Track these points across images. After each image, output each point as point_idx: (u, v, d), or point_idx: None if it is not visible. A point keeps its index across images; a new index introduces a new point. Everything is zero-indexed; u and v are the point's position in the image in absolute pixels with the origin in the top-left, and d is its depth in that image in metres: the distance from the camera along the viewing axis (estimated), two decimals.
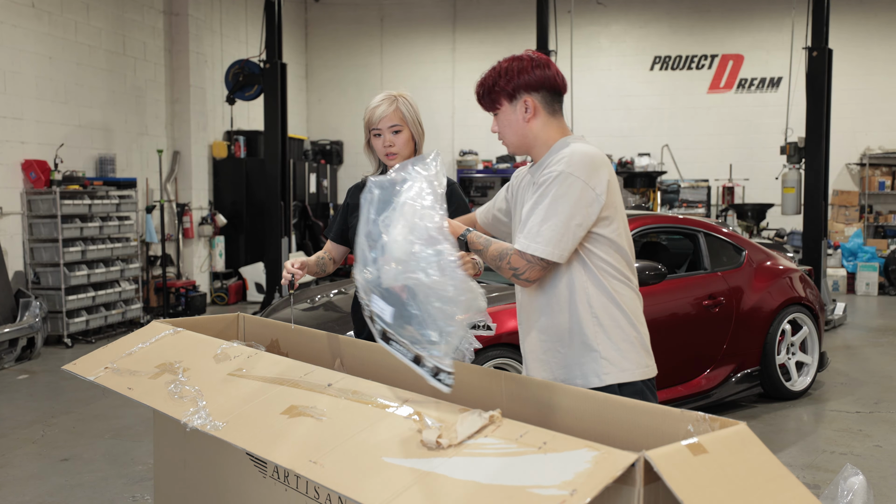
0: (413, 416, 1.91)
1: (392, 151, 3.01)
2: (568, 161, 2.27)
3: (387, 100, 3.00)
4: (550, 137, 2.42)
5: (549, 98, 2.42)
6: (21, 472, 4.59)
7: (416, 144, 3.05)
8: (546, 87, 2.40)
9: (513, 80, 2.39)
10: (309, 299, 5.56)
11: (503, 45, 14.22)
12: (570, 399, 2.19)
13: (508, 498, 1.54)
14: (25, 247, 8.34)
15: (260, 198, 11.44)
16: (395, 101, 2.99)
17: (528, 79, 2.38)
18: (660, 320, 5.21)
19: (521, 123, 2.42)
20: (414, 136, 3.03)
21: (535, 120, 2.41)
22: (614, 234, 2.35)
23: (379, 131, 3.02)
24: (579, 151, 2.30)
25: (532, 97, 2.39)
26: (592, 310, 2.35)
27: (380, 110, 2.99)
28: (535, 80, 2.39)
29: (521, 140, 2.45)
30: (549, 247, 2.25)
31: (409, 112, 3.00)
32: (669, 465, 1.54)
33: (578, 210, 2.25)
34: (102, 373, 2.69)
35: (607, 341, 2.37)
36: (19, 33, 8.39)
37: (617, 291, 2.37)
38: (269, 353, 2.59)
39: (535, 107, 2.40)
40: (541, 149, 2.43)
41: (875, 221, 13.35)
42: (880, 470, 4.55)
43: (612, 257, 2.36)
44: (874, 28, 13.31)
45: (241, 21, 12.80)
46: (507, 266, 2.32)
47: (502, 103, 2.43)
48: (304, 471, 1.83)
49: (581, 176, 2.26)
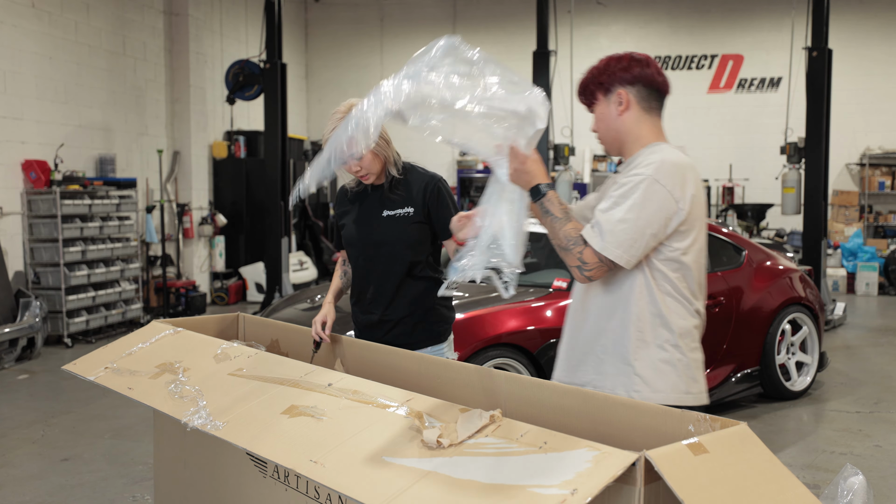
0: (413, 415, 1.91)
1: (362, 175, 2.94)
2: (657, 168, 2.21)
3: (337, 113, 2.87)
4: (643, 136, 2.36)
5: (646, 94, 2.36)
6: (21, 472, 4.59)
7: (385, 156, 2.94)
8: (643, 83, 2.35)
9: (608, 74, 2.36)
10: (309, 299, 5.55)
11: (503, 45, 14.23)
12: (571, 399, 2.19)
13: (509, 497, 1.55)
14: (25, 247, 8.34)
15: (260, 198, 11.44)
16: (348, 113, 2.83)
17: (624, 73, 2.35)
18: None
19: (614, 117, 2.37)
20: (377, 151, 2.89)
21: (627, 113, 2.35)
22: (685, 250, 2.27)
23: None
24: (670, 160, 2.24)
25: (626, 90, 2.35)
26: (639, 323, 2.27)
27: (330, 129, 2.83)
28: (632, 75, 2.34)
29: (613, 135, 2.39)
30: (621, 250, 2.18)
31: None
32: (670, 465, 1.54)
33: (657, 219, 2.20)
34: (103, 373, 2.69)
35: (646, 359, 2.28)
36: (19, 33, 8.39)
37: (670, 309, 2.28)
38: (270, 353, 2.60)
39: (628, 100, 2.35)
40: (632, 146, 2.37)
41: (875, 221, 13.35)
42: (880, 470, 4.55)
43: (675, 274, 2.28)
44: (874, 28, 13.31)
45: (241, 21, 12.80)
46: (576, 254, 2.22)
47: (598, 97, 2.40)
48: (305, 470, 1.84)
49: (667, 185, 2.20)
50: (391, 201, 3.00)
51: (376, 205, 3.02)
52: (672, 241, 2.25)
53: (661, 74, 2.39)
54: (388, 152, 2.96)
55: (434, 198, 2.99)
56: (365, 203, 3.05)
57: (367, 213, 3.04)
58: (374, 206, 3.02)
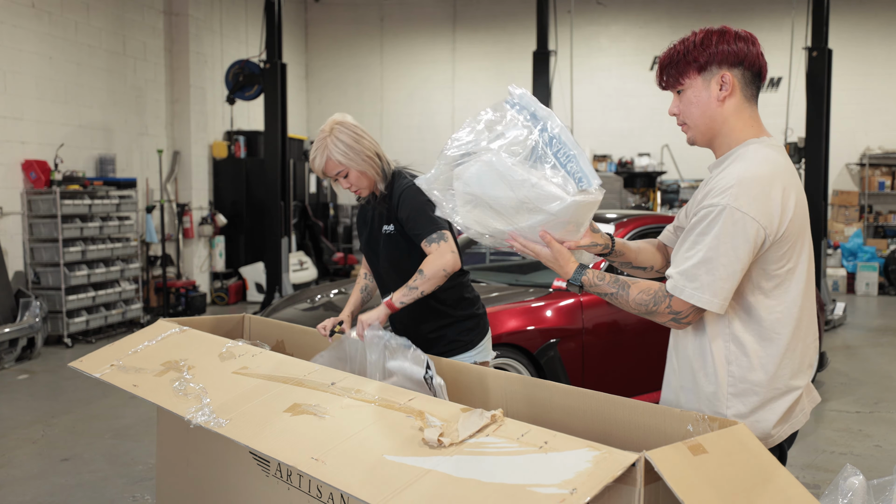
0: (415, 414, 1.92)
1: (354, 191, 2.93)
2: (735, 192, 1.89)
3: (319, 148, 2.83)
4: (738, 129, 2.04)
5: (750, 79, 2.03)
6: (21, 472, 4.59)
7: (371, 172, 2.88)
8: (746, 66, 2.02)
9: (708, 50, 2.00)
10: (309, 299, 5.56)
11: (503, 45, 14.23)
12: (571, 399, 2.20)
13: (509, 496, 1.55)
14: (25, 247, 8.34)
15: (260, 198, 11.44)
16: (325, 147, 2.81)
17: (728, 50, 2.00)
18: None
19: (713, 103, 2.02)
20: (362, 169, 2.84)
21: (730, 100, 2.02)
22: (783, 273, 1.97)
23: (331, 179, 2.92)
24: (750, 176, 1.91)
25: (731, 72, 2.01)
26: (729, 367, 2.01)
27: (316, 163, 2.84)
28: (736, 53, 2.00)
29: (707, 124, 2.05)
30: (710, 295, 1.91)
31: (344, 151, 2.80)
32: (670, 465, 1.55)
33: (744, 254, 1.90)
34: (108, 370, 2.70)
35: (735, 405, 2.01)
36: (19, 33, 8.40)
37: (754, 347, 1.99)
38: (273, 352, 2.61)
39: (733, 84, 2.01)
40: (724, 141, 2.06)
41: (875, 221, 13.36)
42: (880, 470, 4.56)
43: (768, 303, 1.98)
44: (874, 28, 13.31)
45: (241, 21, 12.81)
46: (664, 311, 1.99)
47: (691, 76, 2.03)
48: (307, 468, 1.84)
49: (750, 212, 1.88)
50: (384, 217, 2.98)
51: (378, 222, 3.02)
52: (766, 268, 1.96)
53: (763, 56, 2.06)
54: (376, 167, 2.88)
55: (399, 210, 2.89)
56: (373, 217, 3.05)
57: (373, 229, 3.04)
58: (377, 224, 3.02)
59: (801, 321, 2.02)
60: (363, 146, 2.85)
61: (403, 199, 2.86)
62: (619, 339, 5.02)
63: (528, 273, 5.44)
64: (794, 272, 1.99)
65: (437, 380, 2.36)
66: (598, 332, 4.88)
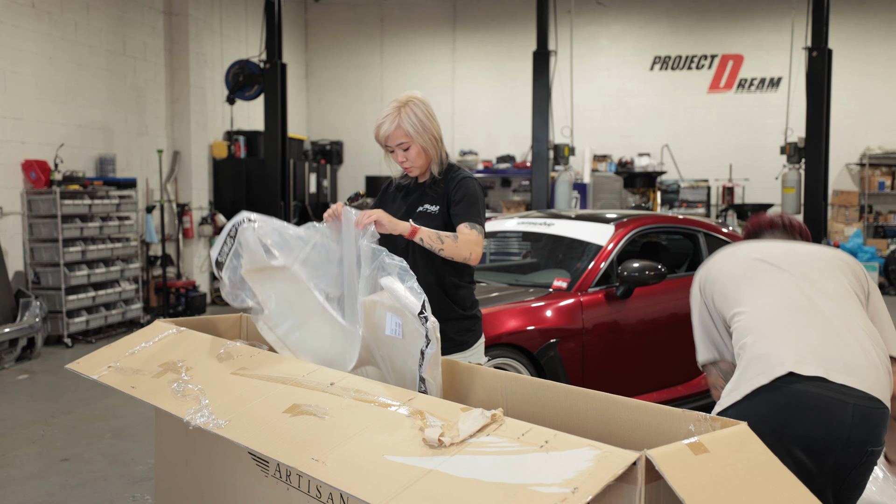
0: (415, 414, 1.92)
1: (407, 167, 2.96)
2: None
3: (391, 115, 2.88)
4: None
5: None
6: (21, 472, 4.59)
7: (432, 152, 2.95)
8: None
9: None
10: None
11: (503, 45, 14.23)
12: (572, 399, 2.20)
13: (510, 496, 1.55)
14: (25, 247, 8.34)
15: (260, 198, 11.43)
16: (398, 115, 2.87)
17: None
18: (660, 320, 5.21)
19: None
20: (425, 146, 2.91)
21: None
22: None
23: (389, 147, 2.95)
24: None
25: None
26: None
27: (383, 129, 2.89)
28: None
29: None
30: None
31: (415, 124, 2.86)
32: (671, 464, 1.54)
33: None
34: (106, 372, 2.69)
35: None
36: (19, 33, 8.39)
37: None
38: (272, 353, 2.60)
39: None
40: None
41: (875, 221, 13.36)
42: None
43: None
44: (874, 28, 13.31)
45: (241, 21, 12.81)
46: None
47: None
48: (307, 469, 1.84)
49: None
50: (428, 198, 3.00)
51: (416, 201, 3.03)
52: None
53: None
54: (437, 150, 2.96)
55: (454, 190, 2.95)
56: (408, 198, 3.06)
57: (406, 208, 3.03)
58: (414, 203, 3.03)
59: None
60: (432, 125, 2.92)
61: (464, 184, 2.94)
62: (619, 340, 5.01)
63: (528, 273, 5.44)
64: None
65: (431, 320, 2.25)
66: (598, 332, 4.88)
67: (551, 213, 6.08)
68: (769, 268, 2.56)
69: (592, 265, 5.05)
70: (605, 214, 5.64)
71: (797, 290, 2.48)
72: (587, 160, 12.55)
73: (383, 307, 2.37)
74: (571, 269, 5.13)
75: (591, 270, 5.03)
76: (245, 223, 2.69)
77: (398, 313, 2.31)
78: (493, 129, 14.33)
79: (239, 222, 2.71)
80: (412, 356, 2.29)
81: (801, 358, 2.28)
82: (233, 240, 2.72)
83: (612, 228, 5.28)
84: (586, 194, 11.60)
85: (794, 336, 2.36)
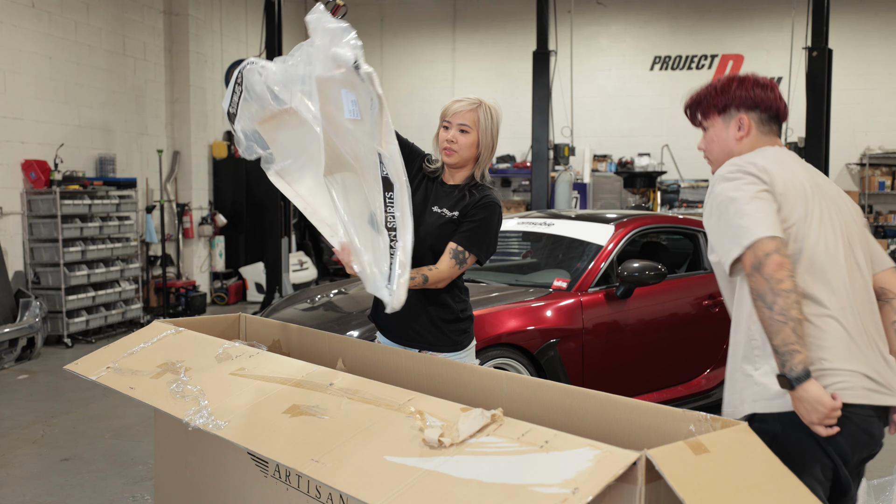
0: (415, 415, 1.92)
1: (451, 147, 2.93)
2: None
3: (473, 101, 2.95)
4: None
5: (766, 120, 2.29)
6: (21, 472, 4.59)
7: (479, 154, 2.95)
8: (763, 109, 2.28)
9: (727, 95, 2.28)
10: (309, 299, 5.55)
11: (503, 45, 14.23)
12: (572, 399, 2.19)
13: (510, 496, 1.55)
14: (25, 247, 8.34)
15: (260, 198, 11.44)
16: (479, 104, 2.93)
17: (745, 95, 2.26)
18: (660, 320, 5.21)
19: (731, 141, 2.28)
20: (480, 143, 2.93)
21: (746, 139, 2.27)
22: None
23: (448, 124, 2.93)
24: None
25: (748, 115, 2.27)
26: (750, 331, 2.16)
27: (458, 105, 2.93)
28: (753, 98, 2.26)
29: (726, 159, 2.28)
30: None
31: (486, 120, 2.92)
32: (671, 464, 1.54)
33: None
34: (104, 372, 2.69)
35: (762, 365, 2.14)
36: (19, 33, 8.39)
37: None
38: (271, 353, 2.60)
39: (749, 126, 2.27)
40: None
41: (875, 221, 13.35)
42: (880, 470, 4.54)
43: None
44: (874, 28, 13.31)
45: (241, 21, 12.81)
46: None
47: (712, 117, 2.32)
48: (306, 469, 1.84)
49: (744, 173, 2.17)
50: (448, 201, 2.97)
51: (432, 197, 3.01)
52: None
53: (783, 101, 2.32)
54: (485, 157, 2.97)
55: (476, 207, 2.93)
56: (426, 191, 3.03)
57: (420, 201, 3.00)
58: (430, 198, 3.01)
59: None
60: (496, 135, 2.98)
61: (489, 207, 2.95)
62: (619, 340, 5.01)
63: (528, 273, 5.44)
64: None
65: (364, 68, 2.19)
66: (598, 332, 4.87)
67: (551, 213, 6.08)
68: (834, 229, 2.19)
69: (592, 265, 5.05)
70: (605, 214, 5.64)
71: (861, 281, 2.20)
72: (587, 160, 12.54)
73: (336, 84, 2.30)
74: (571, 269, 5.13)
75: (591, 270, 5.02)
76: (249, 66, 2.70)
77: (351, 87, 2.27)
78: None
79: (244, 66, 2.72)
80: (370, 135, 2.30)
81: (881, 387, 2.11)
82: (240, 87, 2.73)
83: (612, 228, 5.27)
84: (586, 194, 11.59)
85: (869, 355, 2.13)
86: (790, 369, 1.98)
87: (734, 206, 2.09)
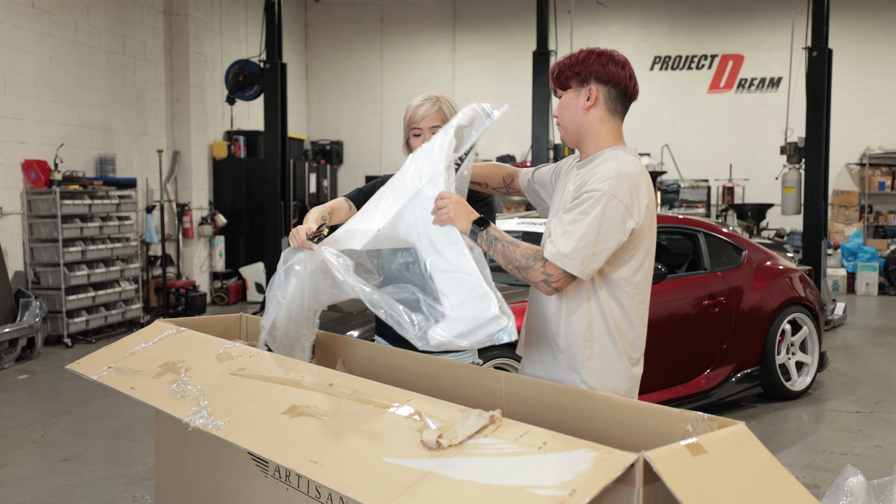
0: (414, 416, 1.92)
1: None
2: (614, 183, 2.27)
3: (429, 100, 2.97)
4: (602, 137, 2.43)
5: (615, 95, 2.43)
6: (21, 472, 4.59)
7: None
8: (614, 85, 2.41)
9: (585, 66, 2.41)
10: None
11: (503, 45, 14.23)
12: (570, 399, 2.20)
13: (508, 498, 1.55)
14: (25, 247, 8.34)
15: (260, 198, 11.44)
16: (437, 101, 2.96)
17: (600, 69, 2.40)
18: (660, 320, 5.21)
19: (580, 110, 2.43)
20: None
21: (594, 110, 2.42)
22: (636, 268, 2.38)
23: (419, 131, 2.95)
24: (626, 173, 2.30)
25: (598, 88, 2.41)
26: (589, 333, 2.38)
27: (422, 109, 2.95)
28: (607, 73, 2.40)
29: (574, 127, 2.45)
30: (582, 265, 2.26)
31: (450, 112, 2.95)
32: (669, 466, 1.54)
33: (615, 234, 2.27)
34: (105, 372, 2.69)
35: (593, 368, 2.39)
36: (19, 33, 8.40)
37: (617, 323, 2.39)
38: (271, 353, 2.60)
39: (597, 97, 2.41)
40: (590, 145, 2.45)
41: (875, 221, 13.35)
42: (880, 470, 4.56)
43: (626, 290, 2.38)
44: (874, 28, 13.31)
45: (241, 21, 12.81)
46: (539, 270, 2.30)
47: (571, 86, 2.45)
48: (305, 470, 1.84)
49: (624, 200, 2.27)
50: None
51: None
52: (624, 254, 2.34)
53: (634, 80, 2.45)
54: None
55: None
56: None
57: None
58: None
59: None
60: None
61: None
62: None
63: None
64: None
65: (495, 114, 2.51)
66: None
67: None
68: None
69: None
70: None
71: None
72: None
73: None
74: None
75: None
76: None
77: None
78: (492, 128, 14.21)
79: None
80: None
81: None
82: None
83: None
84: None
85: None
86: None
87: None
